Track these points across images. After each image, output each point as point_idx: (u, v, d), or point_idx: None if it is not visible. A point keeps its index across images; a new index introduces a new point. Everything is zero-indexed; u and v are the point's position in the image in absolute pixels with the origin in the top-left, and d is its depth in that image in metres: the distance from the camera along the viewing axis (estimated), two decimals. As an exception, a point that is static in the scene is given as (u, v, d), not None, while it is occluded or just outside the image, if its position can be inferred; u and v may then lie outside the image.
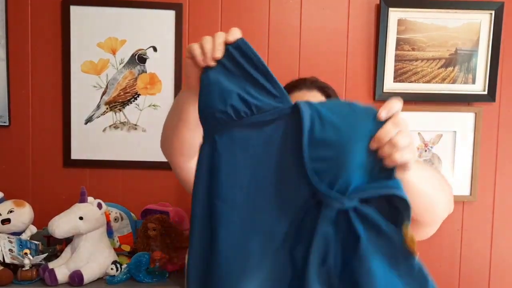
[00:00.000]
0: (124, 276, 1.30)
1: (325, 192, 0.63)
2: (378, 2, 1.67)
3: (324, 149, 0.64)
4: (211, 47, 0.74)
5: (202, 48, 0.75)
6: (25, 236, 1.42)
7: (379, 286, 0.62)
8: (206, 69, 0.74)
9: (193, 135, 0.89)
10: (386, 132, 0.64)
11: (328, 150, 0.64)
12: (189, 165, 0.96)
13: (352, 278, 0.63)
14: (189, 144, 0.92)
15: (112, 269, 1.30)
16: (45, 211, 1.49)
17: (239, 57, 0.72)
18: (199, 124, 0.77)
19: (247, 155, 0.71)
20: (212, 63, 0.74)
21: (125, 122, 1.66)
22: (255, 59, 0.71)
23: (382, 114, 0.65)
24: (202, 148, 0.75)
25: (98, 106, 1.65)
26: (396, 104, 0.66)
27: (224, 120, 0.72)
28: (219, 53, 0.73)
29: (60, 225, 1.24)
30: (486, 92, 1.70)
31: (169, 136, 0.97)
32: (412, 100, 1.70)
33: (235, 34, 0.74)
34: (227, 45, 0.73)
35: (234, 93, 0.71)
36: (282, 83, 1.15)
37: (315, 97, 1.13)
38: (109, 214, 1.43)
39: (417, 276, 0.62)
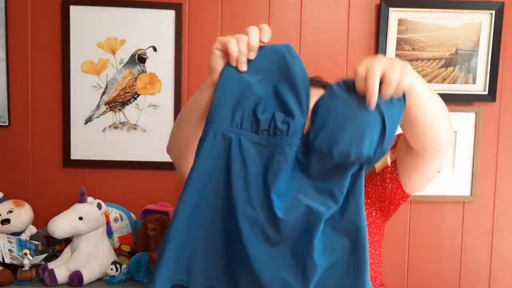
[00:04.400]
0: (124, 277, 1.30)
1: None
2: (378, 2, 1.67)
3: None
4: (246, 48, 0.71)
5: (238, 45, 0.71)
6: (24, 236, 1.42)
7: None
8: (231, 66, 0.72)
9: None
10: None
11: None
12: None
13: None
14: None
15: (112, 269, 1.30)
16: (44, 211, 1.49)
17: (268, 62, 0.72)
18: None
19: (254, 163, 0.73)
20: (245, 68, 0.72)
21: (124, 122, 1.66)
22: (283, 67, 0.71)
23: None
24: (211, 137, 0.73)
25: (98, 106, 1.65)
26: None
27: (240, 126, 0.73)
28: (253, 55, 0.72)
29: (60, 225, 1.24)
30: (486, 92, 1.69)
31: (182, 137, 0.90)
32: (413, 100, 1.70)
33: (267, 33, 0.72)
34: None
35: (255, 105, 0.72)
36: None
37: (320, 94, 1.14)
38: (109, 214, 1.43)
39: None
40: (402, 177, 0.99)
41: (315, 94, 1.14)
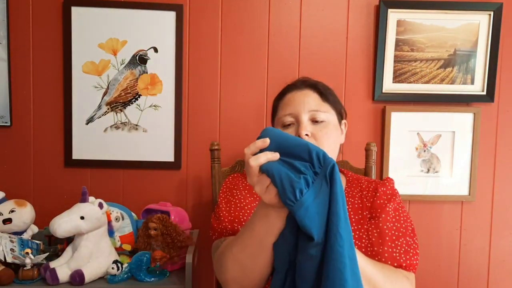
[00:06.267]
0: (125, 276, 1.31)
1: None
2: (377, 3, 1.68)
3: None
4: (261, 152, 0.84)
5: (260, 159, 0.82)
6: (26, 236, 1.43)
7: None
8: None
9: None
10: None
11: None
12: None
13: None
14: (267, 274, 0.94)
15: (113, 268, 1.30)
16: (46, 210, 1.50)
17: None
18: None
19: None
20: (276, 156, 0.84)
21: (126, 122, 1.67)
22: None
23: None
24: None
25: (99, 107, 1.66)
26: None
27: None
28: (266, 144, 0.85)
29: (61, 225, 1.25)
30: (484, 93, 1.71)
31: (257, 270, 0.93)
32: (411, 101, 1.71)
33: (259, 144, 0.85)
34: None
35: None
36: (282, 84, 1.15)
37: (307, 94, 1.13)
38: (110, 213, 1.44)
39: None
40: None
41: (305, 95, 1.14)
